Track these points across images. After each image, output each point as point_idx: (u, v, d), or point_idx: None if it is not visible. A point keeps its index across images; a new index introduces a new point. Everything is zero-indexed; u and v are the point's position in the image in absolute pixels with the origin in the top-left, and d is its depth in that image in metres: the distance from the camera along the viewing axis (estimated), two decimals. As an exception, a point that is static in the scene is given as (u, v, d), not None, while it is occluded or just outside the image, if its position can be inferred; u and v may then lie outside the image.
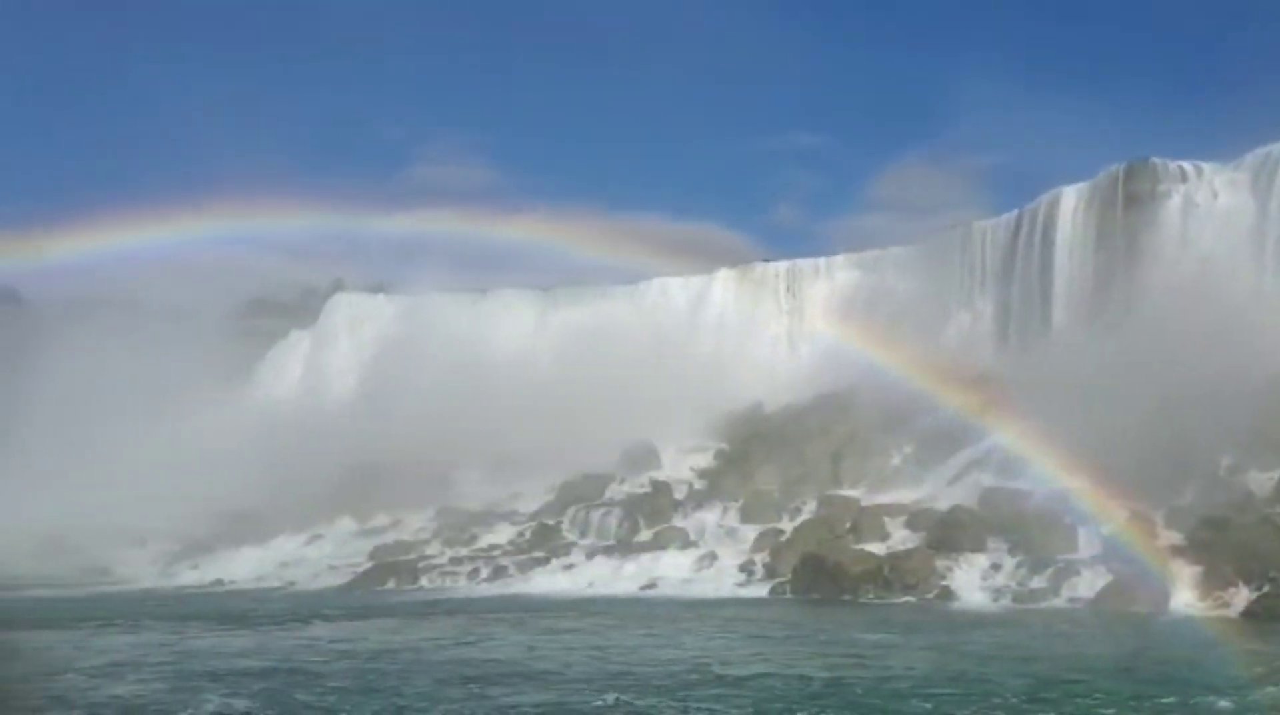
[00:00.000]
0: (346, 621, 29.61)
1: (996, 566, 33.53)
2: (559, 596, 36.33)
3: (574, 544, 43.98)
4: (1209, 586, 29.48)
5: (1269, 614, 26.97)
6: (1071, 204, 47.89)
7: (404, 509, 50.94)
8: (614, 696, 18.08)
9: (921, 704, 17.56)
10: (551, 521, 46.65)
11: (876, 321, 53.27)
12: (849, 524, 39.58)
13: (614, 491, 49.38)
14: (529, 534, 46.10)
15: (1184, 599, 29.41)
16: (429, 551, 46.08)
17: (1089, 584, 31.05)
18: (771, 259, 63.23)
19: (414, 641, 25.47)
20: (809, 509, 42.77)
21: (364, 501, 51.82)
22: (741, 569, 38.51)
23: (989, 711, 17.11)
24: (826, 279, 59.74)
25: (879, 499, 41.89)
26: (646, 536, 43.25)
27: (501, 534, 47.03)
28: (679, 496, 46.85)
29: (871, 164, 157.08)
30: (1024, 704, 17.50)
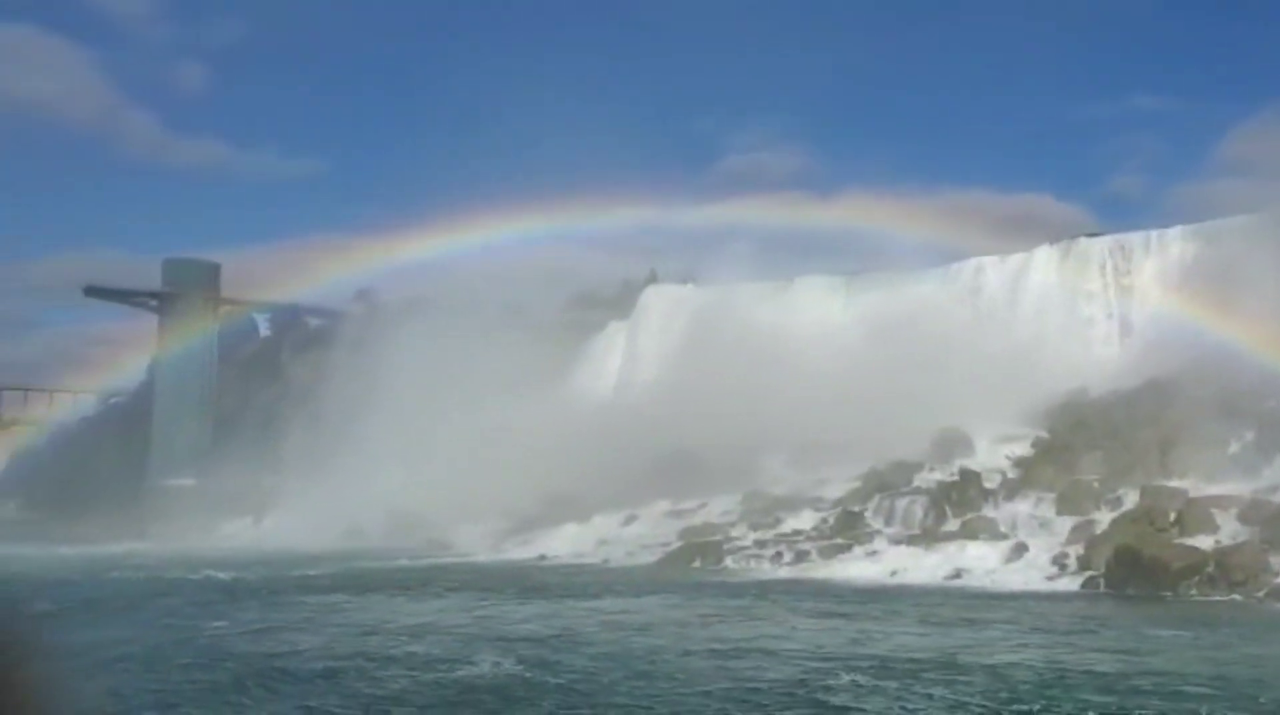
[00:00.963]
0: (633, 597, 30.71)
1: (1341, 566, 29.99)
2: (860, 583, 35.81)
3: (878, 531, 43.35)
4: None
5: None
6: None
7: (712, 492, 52.01)
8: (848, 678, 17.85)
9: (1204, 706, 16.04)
10: (856, 508, 46.18)
11: (1216, 298, 48.62)
12: (1173, 516, 36.63)
13: (921, 480, 48.14)
14: (832, 520, 45.82)
15: None
16: (734, 534, 46.81)
17: None
18: (1103, 232, 59.26)
19: (687, 617, 26.09)
20: (1130, 500, 39.94)
21: (676, 485, 53.36)
22: (1053, 561, 36.52)
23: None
24: (1159, 253, 55.13)
25: (1209, 490, 38.43)
26: (954, 526, 42.02)
27: (805, 519, 47.04)
28: (990, 486, 44.99)
29: (1220, 125, 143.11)
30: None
